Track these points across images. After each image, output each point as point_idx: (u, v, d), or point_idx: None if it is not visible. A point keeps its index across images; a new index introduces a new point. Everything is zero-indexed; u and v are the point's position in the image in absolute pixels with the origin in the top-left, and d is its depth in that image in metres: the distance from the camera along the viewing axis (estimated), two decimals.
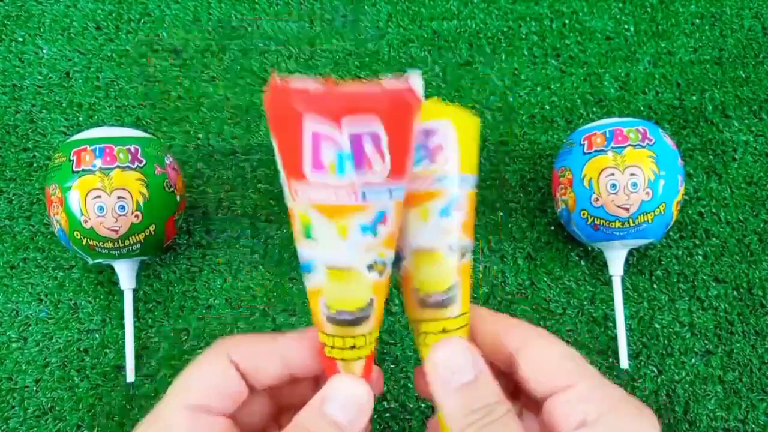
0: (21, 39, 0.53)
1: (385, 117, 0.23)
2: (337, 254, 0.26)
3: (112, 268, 0.46)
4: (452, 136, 0.28)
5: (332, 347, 0.26)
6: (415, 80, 0.23)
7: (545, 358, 0.27)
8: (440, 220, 0.28)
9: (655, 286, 0.48)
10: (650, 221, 0.42)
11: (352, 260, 0.26)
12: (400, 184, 0.25)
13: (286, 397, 0.30)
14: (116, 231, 0.42)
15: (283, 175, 0.25)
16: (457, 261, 0.29)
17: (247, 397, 0.27)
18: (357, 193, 0.24)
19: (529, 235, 0.49)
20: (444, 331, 0.28)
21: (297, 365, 0.27)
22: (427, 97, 0.27)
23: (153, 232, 0.43)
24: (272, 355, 0.27)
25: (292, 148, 0.24)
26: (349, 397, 0.25)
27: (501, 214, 0.50)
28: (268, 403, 0.30)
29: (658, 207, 0.42)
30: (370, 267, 0.26)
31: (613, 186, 0.42)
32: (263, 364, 0.27)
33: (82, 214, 0.41)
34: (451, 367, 0.26)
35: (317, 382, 0.30)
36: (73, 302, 0.47)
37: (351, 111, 0.23)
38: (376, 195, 0.25)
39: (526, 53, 0.54)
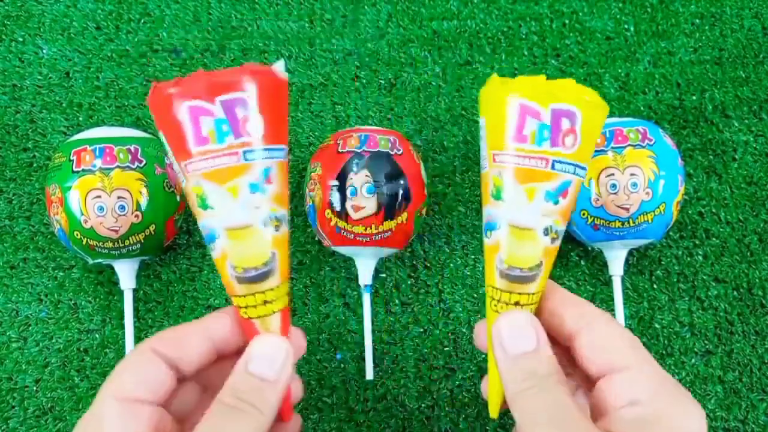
0: (21, 39, 0.53)
1: (248, 86, 0.28)
2: (233, 214, 0.29)
3: (112, 268, 0.46)
4: (580, 122, 0.30)
5: (246, 307, 0.29)
6: (278, 66, 0.30)
7: (606, 338, 0.28)
8: (545, 203, 0.30)
9: (655, 286, 0.48)
10: (650, 221, 0.42)
11: (248, 218, 0.29)
12: (278, 147, 0.30)
13: (214, 380, 0.30)
14: (116, 231, 0.42)
15: (175, 164, 0.30)
16: (549, 244, 0.31)
17: (176, 384, 0.28)
18: (239, 155, 0.28)
19: None
20: (517, 304, 0.30)
21: (221, 339, 0.29)
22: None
23: (153, 232, 0.43)
24: (196, 336, 0.29)
25: (175, 133, 0.28)
26: (270, 352, 0.28)
27: None
28: (198, 388, 0.31)
29: (658, 207, 0.42)
30: (266, 223, 0.29)
31: (613, 186, 0.42)
32: (188, 347, 0.28)
33: (82, 214, 0.41)
34: (515, 336, 0.28)
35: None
36: (73, 302, 0.47)
37: (219, 86, 0.28)
38: (256, 156, 0.29)
39: (526, 53, 0.54)
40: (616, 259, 0.45)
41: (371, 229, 0.40)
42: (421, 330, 0.47)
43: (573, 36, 0.54)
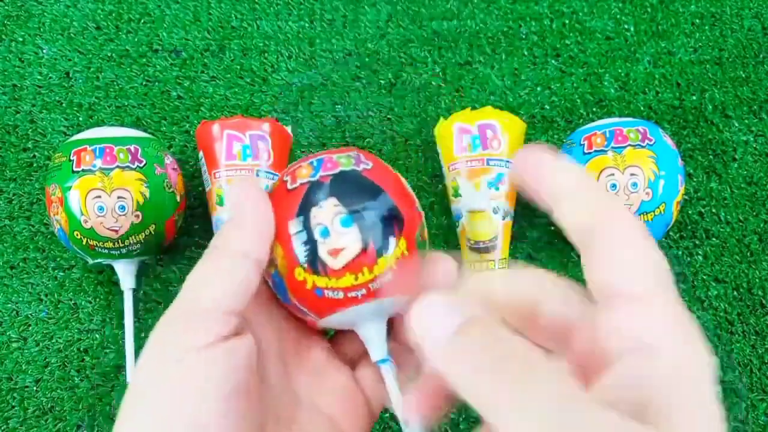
0: (21, 39, 0.53)
1: (268, 132, 0.45)
2: None
3: (112, 268, 0.46)
4: (500, 131, 0.44)
5: None
6: (288, 128, 0.46)
7: (629, 256, 0.20)
8: (488, 190, 0.44)
9: None
10: (650, 221, 0.42)
11: None
12: (277, 173, 0.44)
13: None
14: (116, 231, 0.42)
15: (206, 175, 0.45)
16: (500, 220, 0.44)
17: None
18: (253, 171, 0.44)
19: (529, 235, 0.49)
20: (487, 269, 0.38)
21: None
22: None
23: (153, 232, 0.43)
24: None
25: (213, 153, 0.44)
26: (235, 189, 0.26)
27: None
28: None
29: (658, 207, 0.42)
30: None
31: (613, 186, 0.42)
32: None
33: (82, 214, 0.41)
34: (433, 319, 0.20)
35: None
36: (73, 302, 0.47)
37: (250, 127, 0.44)
38: (264, 175, 0.44)
39: (526, 53, 0.54)
40: None
41: (364, 275, 0.26)
42: None
43: (573, 36, 0.54)
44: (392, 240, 0.26)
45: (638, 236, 0.20)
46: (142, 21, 0.54)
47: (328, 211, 0.26)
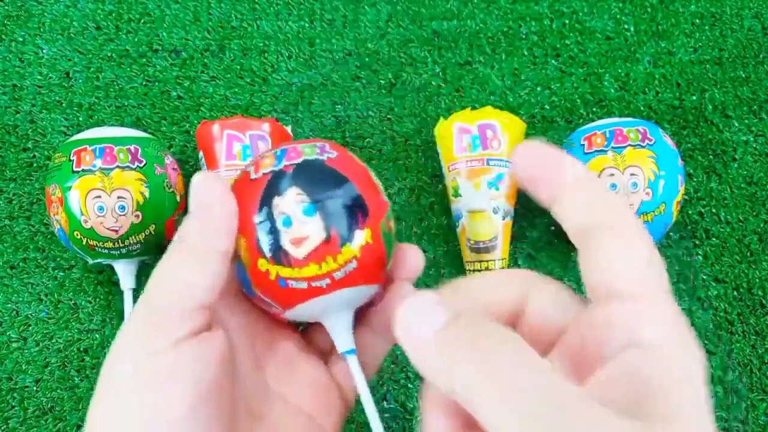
0: (21, 39, 0.53)
1: (268, 132, 0.45)
2: None
3: (112, 268, 0.46)
4: (500, 131, 0.44)
5: None
6: (287, 128, 0.47)
7: (627, 255, 0.20)
8: (488, 190, 0.44)
9: None
10: (650, 221, 0.42)
11: None
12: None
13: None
14: (116, 231, 0.42)
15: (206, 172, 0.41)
16: (500, 220, 0.44)
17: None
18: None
19: (529, 235, 0.49)
20: (487, 269, 0.39)
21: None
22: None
23: (153, 232, 0.43)
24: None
25: (213, 152, 0.44)
26: (195, 182, 0.25)
27: None
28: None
29: (658, 207, 0.42)
30: None
31: (614, 186, 0.42)
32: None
33: (82, 214, 0.41)
34: (418, 317, 0.19)
35: None
36: (73, 302, 0.47)
37: (250, 127, 0.44)
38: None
39: (526, 53, 0.54)
40: None
41: (328, 264, 0.26)
42: None
43: (573, 36, 0.54)
44: (356, 229, 0.26)
45: (637, 236, 0.20)
46: (142, 21, 0.54)
47: (290, 201, 0.25)
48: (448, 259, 0.49)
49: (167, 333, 0.23)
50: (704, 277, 0.48)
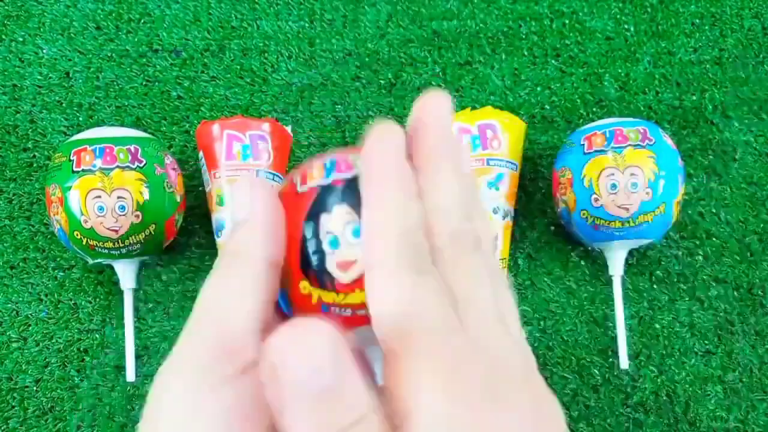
0: (21, 39, 0.53)
1: (268, 132, 0.45)
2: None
3: (112, 268, 0.46)
4: (500, 131, 0.45)
5: None
6: (287, 128, 0.48)
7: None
8: (488, 190, 0.44)
9: (655, 286, 0.48)
10: (650, 221, 0.42)
11: None
12: (279, 173, 0.46)
13: None
14: (116, 231, 0.42)
15: (206, 175, 0.46)
16: (500, 220, 0.45)
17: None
18: (253, 171, 0.44)
19: (530, 235, 0.49)
20: None
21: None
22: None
23: (153, 232, 0.43)
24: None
25: (213, 153, 0.45)
26: (237, 195, 0.23)
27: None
28: None
29: (658, 207, 0.42)
30: None
31: (613, 186, 0.42)
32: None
33: (82, 214, 0.41)
34: (299, 366, 0.17)
35: None
36: (73, 302, 0.47)
37: (250, 127, 0.45)
38: (264, 175, 0.45)
39: (526, 53, 0.54)
40: (616, 259, 0.45)
41: None
42: None
43: (573, 36, 0.54)
44: None
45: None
46: (142, 21, 0.54)
47: (339, 219, 0.23)
48: None
49: (237, 357, 0.20)
50: (704, 277, 0.48)
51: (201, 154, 0.46)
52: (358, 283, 0.22)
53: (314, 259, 0.23)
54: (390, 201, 0.20)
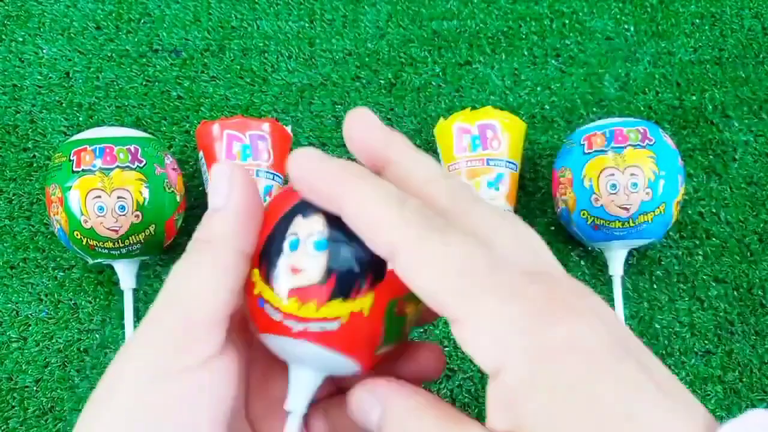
0: (21, 39, 0.53)
1: (268, 132, 0.45)
2: None
3: (112, 268, 0.46)
4: (500, 131, 0.45)
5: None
6: (287, 128, 0.47)
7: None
8: (488, 190, 0.44)
9: (655, 286, 0.48)
10: (650, 221, 0.42)
11: None
12: (279, 174, 0.46)
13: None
14: (116, 231, 0.42)
15: (206, 175, 0.46)
16: None
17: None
18: (253, 171, 0.44)
19: None
20: None
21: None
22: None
23: (153, 232, 0.43)
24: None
25: (213, 153, 0.45)
26: (215, 179, 0.22)
27: None
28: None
29: (658, 207, 0.42)
30: None
31: (613, 186, 0.42)
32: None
33: (82, 214, 0.41)
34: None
35: None
36: (73, 302, 0.47)
37: (250, 127, 0.45)
38: (262, 174, 0.45)
39: (526, 53, 0.54)
40: (616, 259, 0.45)
41: (308, 309, 0.22)
42: (422, 330, 0.47)
43: (573, 36, 0.54)
44: (357, 290, 0.22)
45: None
46: (142, 21, 0.54)
47: (308, 227, 0.22)
48: None
49: (195, 347, 0.20)
50: (704, 277, 0.48)
51: (201, 154, 0.46)
52: (297, 292, 0.22)
53: (272, 252, 0.22)
54: (366, 188, 0.19)
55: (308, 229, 0.22)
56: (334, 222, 0.22)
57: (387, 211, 0.19)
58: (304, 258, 0.22)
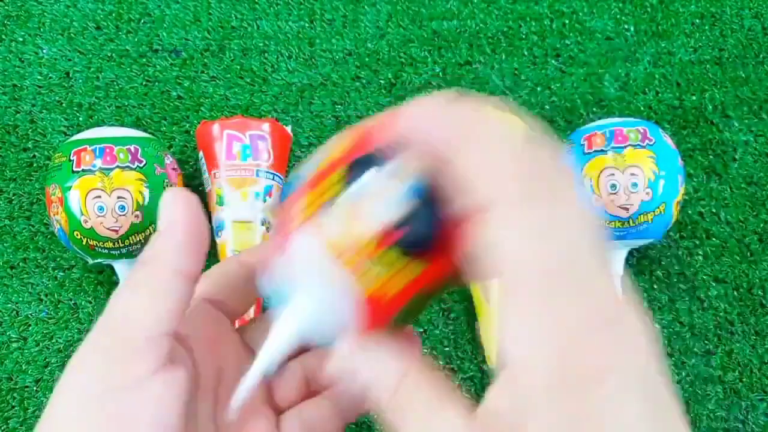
0: (21, 39, 0.53)
1: (268, 132, 0.45)
2: (241, 212, 0.44)
3: (112, 268, 0.46)
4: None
5: None
6: (287, 128, 0.47)
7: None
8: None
9: (655, 286, 0.48)
10: (650, 221, 0.42)
11: (251, 216, 0.44)
12: (279, 173, 0.46)
13: None
14: (116, 231, 0.42)
15: (206, 175, 0.46)
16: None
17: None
18: (253, 171, 0.45)
19: None
20: None
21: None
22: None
23: (153, 232, 0.43)
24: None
25: (213, 153, 0.45)
26: (163, 204, 0.23)
27: None
28: None
29: (658, 207, 0.42)
30: (262, 222, 0.44)
31: (613, 186, 0.42)
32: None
33: (82, 214, 0.41)
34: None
35: None
36: (73, 302, 0.47)
37: (250, 127, 0.45)
38: (264, 175, 0.45)
39: (526, 53, 0.54)
40: (616, 259, 0.45)
41: (369, 244, 0.22)
42: (421, 330, 0.47)
43: (573, 36, 0.54)
44: (421, 253, 0.21)
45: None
46: (142, 21, 0.54)
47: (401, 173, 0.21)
48: None
49: (130, 366, 0.20)
50: (704, 277, 0.48)
51: (201, 154, 0.46)
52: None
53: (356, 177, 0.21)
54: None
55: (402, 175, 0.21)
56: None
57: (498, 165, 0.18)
58: (387, 198, 0.21)
